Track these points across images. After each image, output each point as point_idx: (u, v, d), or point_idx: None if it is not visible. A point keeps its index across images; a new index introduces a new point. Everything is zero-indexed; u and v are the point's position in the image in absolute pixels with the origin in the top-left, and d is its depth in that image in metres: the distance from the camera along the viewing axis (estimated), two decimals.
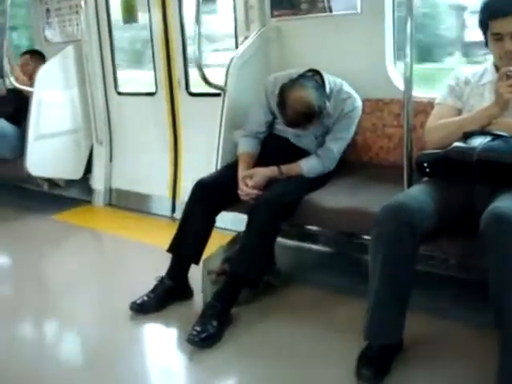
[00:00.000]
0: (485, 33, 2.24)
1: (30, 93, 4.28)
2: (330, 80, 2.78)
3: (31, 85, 4.29)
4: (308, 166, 2.74)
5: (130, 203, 4.49)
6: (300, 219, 2.73)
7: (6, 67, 4.40)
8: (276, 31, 3.40)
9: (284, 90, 2.61)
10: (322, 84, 2.72)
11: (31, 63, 4.66)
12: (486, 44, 2.26)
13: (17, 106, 4.48)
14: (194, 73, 3.69)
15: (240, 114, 3.07)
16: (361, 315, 2.10)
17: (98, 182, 4.65)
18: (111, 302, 2.97)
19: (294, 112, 2.58)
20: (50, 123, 4.36)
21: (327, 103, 2.69)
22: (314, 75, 2.76)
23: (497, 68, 2.25)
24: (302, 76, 2.72)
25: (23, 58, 4.76)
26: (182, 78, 4.04)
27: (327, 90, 2.73)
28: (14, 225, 4.31)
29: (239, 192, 2.69)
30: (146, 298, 2.68)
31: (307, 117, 2.60)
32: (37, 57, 4.73)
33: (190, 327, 2.39)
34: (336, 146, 2.78)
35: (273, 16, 3.41)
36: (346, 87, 2.81)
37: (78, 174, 4.65)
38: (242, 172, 2.75)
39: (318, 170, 2.75)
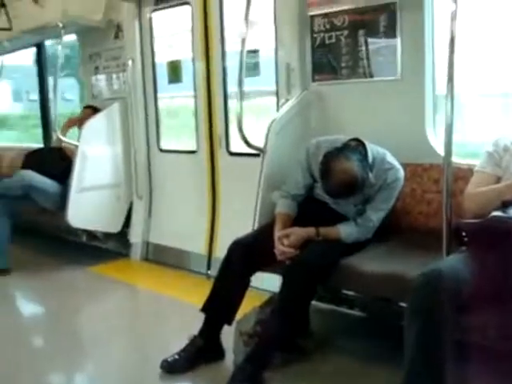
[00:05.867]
0: None
1: (74, 149, 4.42)
2: (372, 150, 2.74)
3: None
4: (346, 232, 2.71)
5: (166, 258, 4.51)
6: (336, 283, 2.71)
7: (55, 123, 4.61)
8: (317, 95, 3.44)
9: (328, 160, 2.58)
10: (365, 154, 2.69)
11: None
12: None
13: (62, 166, 4.59)
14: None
15: (278, 175, 3.09)
16: None
17: (136, 236, 4.71)
18: (142, 358, 2.97)
19: (337, 183, 2.55)
20: (92, 176, 4.48)
21: (370, 174, 2.64)
22: (358, 145, 2.73)
23: None
24: (345, 146, 2.69)
25: (85, 111, 4.89)
26: (223, 137, 4.11)
27: (370, 159, 2.69)
28: (51, 274, 4.37)
29: (275, 251, 2.68)
30: (177, 357, 2.66)
31: (350, 189, 2.58)
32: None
33: None
34: (376, 216, 2.74)
35: (314, 80, 3.46)
36: (389, 157, 2.77)
37: (116, 228, 4.72)
38: (278, 232, 2.74)
39: (355, 237, 2.71)
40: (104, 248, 4.91)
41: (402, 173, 2.76)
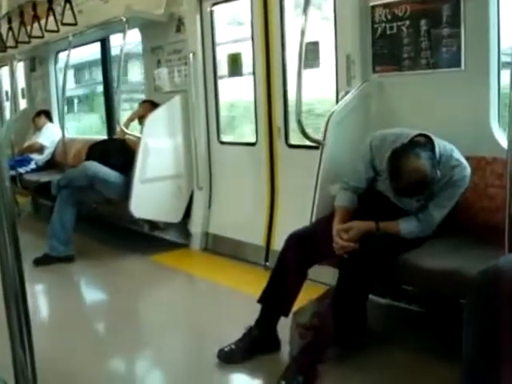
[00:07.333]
0: None
1: (136, 141, 4.54)
2: (440, 145, 2.65)
3: None
4: (406, 227, 2.65)
5: (225, 249, 4.56)
6: (395, 278, 2.68)
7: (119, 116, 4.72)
8: (377, 87, 3.38)
9: (398, 158, 2.51)
10: (432, 150, 2.60)
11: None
12: None
13: (125, 158, 4.69)
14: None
15: (337, 168, 3.07)
16: (452, 381, 2.00)
17: (195, 227, 4.78)
18: (199, 347, 3.03)
19: (408, 183, 2.48)
20: (154, 168, 4.57)
21: (438, 173, 2.56)
22: (426, 142, 2.64)
23: None
24: (414, 143, 2.61)
25: (144, 106, 5.02)
26: (282, 129, 4.12)
27: (437, 156, 2.61)
28: (114, 263, 4.51)
29: (334, 245, 2.66)
30: (233, 347, 2.70)
31: (419, 188, 2.52)
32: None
33: (276, 381, 2.38)
34: (438, 214, 2.67)
35: (375, 72, 3.40)
36: (456, 154, 2.67)
37: (177, 218, 4.80)
38: (337, 225, 2.72)
39: (415, 233, 2.66)
40: (165, 238, 5.02)
41: (468, 170, 2.67)
